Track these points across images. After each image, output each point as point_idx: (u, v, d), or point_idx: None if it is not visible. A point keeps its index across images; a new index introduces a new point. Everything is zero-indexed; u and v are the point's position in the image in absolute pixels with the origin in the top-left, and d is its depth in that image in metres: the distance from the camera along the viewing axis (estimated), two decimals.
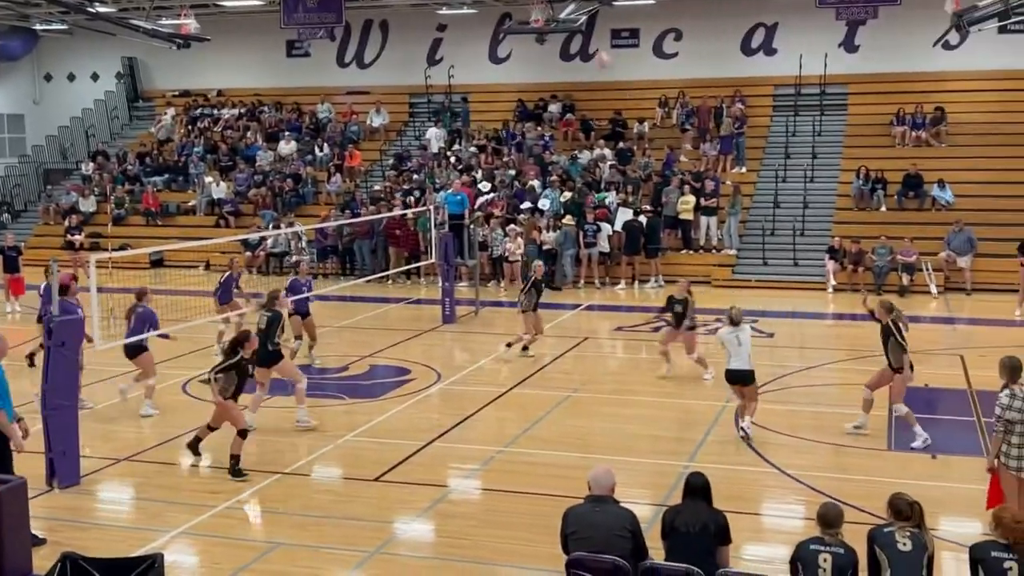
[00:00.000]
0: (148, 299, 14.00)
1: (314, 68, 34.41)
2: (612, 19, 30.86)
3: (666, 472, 11.04)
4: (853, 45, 29.86)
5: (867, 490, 10.24)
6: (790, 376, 15.70)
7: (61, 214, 31.04)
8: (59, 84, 38.15)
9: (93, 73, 37.55)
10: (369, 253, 26.43)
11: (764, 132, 29.46)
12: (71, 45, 36.83)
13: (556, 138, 30.23)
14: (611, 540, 6.93)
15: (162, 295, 17.78)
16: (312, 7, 26.84)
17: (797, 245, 24.91)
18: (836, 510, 6.87)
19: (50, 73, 38.26)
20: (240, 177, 30.97)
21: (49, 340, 10.52)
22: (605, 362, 17.13)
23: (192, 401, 14.37)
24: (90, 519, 10.00)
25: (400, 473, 11.17)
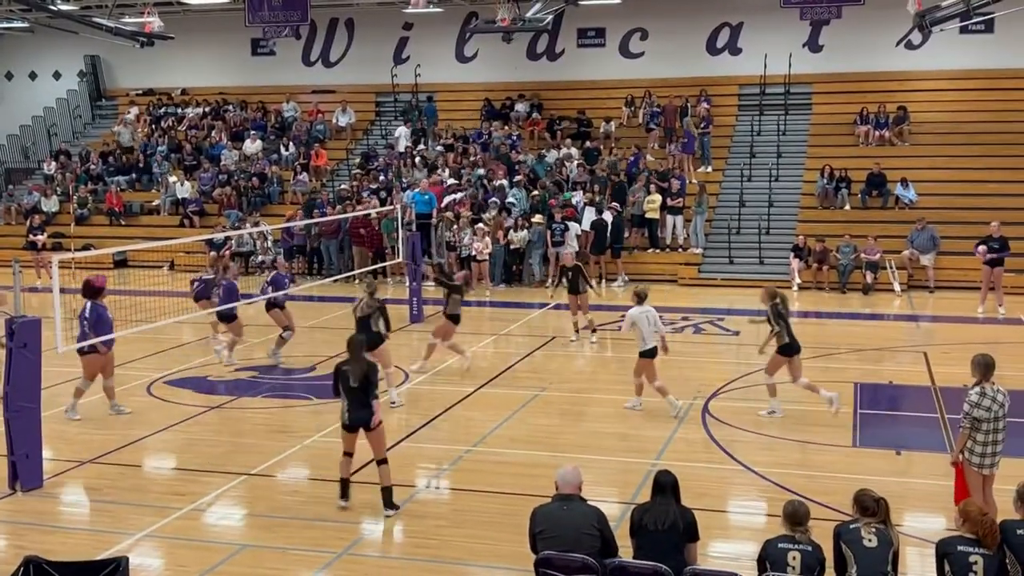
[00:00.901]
0: None
1: (279, 67, 34.23)
2: (578, 18, 30.92)
3: (633, 470, 11.07)
4: (817, 45, 30.11)
5: (832, 486, 10.33)
6: (755, 374, 15.75)
7: (23, 214, 30.66)
8: (20, 82, 37.67)
9: (55, 71, 37.12)
10: (336, 252, 26.32)
11: (729, 132, 29.64)
12: (33, 43, 36.37)
13: (523, 137, 30.24)
14: (579, 538, 6.94)
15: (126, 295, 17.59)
16: (277, 5, 26.68)
17: (762, 244, 25.08)
18: (804, 508, 6.93)
19: (11, 71, 37.78)
20: (205, 176, 30.73)
21: (11, 342, 10.38)
22: (573, 361, 17.15)
23: (157, 402, 14.22)
24: (53, 522, 9.88)
25: (367, 474, 11.10)
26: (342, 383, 9.86)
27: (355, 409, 9.82)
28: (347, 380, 9.80)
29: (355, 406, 9.81)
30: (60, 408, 13.58)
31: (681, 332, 19.29)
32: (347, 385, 9.81)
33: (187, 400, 14.31)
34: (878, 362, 16.83)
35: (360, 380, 9.75)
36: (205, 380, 15.59)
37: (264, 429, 12.99)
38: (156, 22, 26.36)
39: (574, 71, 31.98)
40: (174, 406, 14.01)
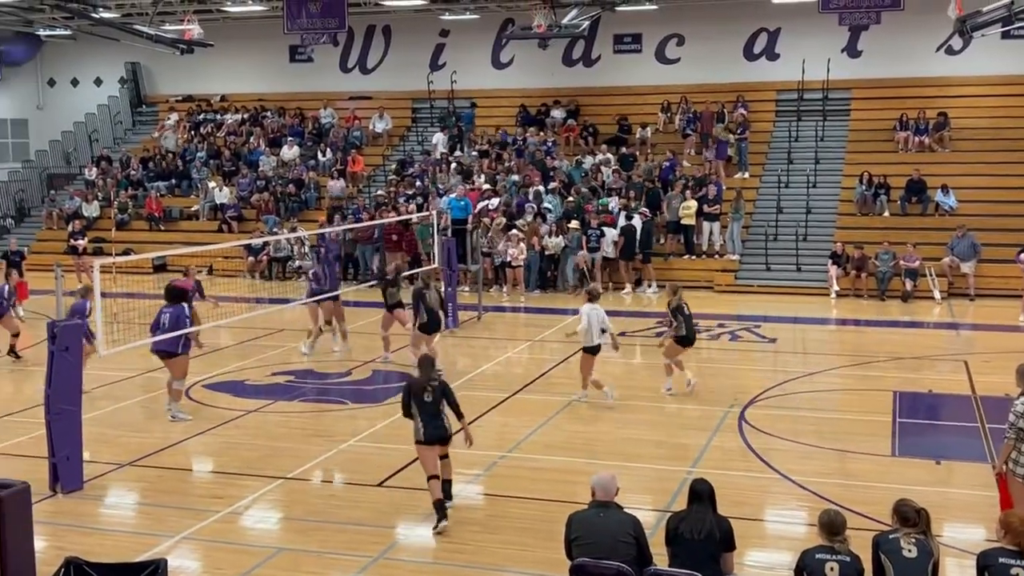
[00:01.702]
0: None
1: (317, 73, 34.44)
2: (615, 24, 30.87)
3: (669, 478, 11.02)
4: (856, 50, 29.86)
5: (870, 496, 10.22)
6: (793, 382, 15.67)
7: (64, 219, 31.07)
8: (63, 89, 38.20)
9: (97, 78, 37.60)
10: (371, 258, 26.43)
11: (767, 137, 29.46)
12: (75, 50, 36.88)
13: (558, 143, 30.24)
14: (615, 546, 6.92)
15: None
16: (315, 12, 26.85)
17: (800, 250, 24.90)
18: (841, 517, 6.84)
19: (54, 78, 38.32)
20: (243, 182, 30.99)
21: (53, 345, 10.51)
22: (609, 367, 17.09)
23: (195, 406, 14.35)
24: (93, 524, 10.00)
25: (403, 478, 11.16)
26: (414, 398, 9.81)
27: (429, 423, 9.75)
28: (420, 395, 9.77)
29: (427, 420, 9.75)
30: (100, 411, 13.76)
31: (717, 339, 19.19)
32: (420, 399, 9.77)
33: (225, 404, 14.42)
34: (917, 370, 16.65)
35: (433, 395, 9.77)
36: (242, 384, 15.71)
37: (300, 433, 13.07)
38: (196, 29, 26.60)
39: (610, 77, 31.93)
40: (212, 409, 14.13)
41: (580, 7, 26.88)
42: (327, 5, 26.70)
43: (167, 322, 13.43)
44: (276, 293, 25.02)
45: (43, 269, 24.97)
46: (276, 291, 25.21)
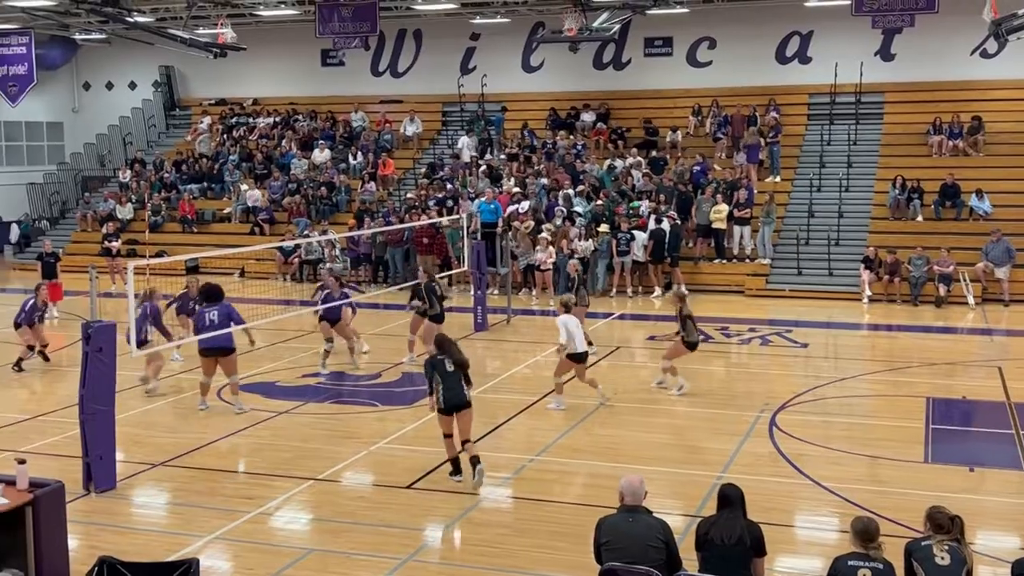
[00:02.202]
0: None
1: (348, 77, 34.61)
2: (645, 27, 30.83)
3: (698, 483, 10.97)
4: (889, 53, 29.65)
5: (903, 503, 10.14)
6: (824, 387, 15.58)
7: (99, 221, 31.40)
8: (97, 92, 38.63)
9: (131, 82, 38.00)
10: (402, 261, 26.53)
11: (799, 141, 29.30)
12: (110, 54, 37.28)
13: (588, 147, 30.21)
14: (645, 551, 6.90)
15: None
16: (347, 16, 27.05)
17: (832, 255, 24.74)
18: (875, 524, 6.78)
19: (89, 82, 38.76)
20: (275, 185, 31.19)
21: (87, 346, 10.62)
22: (637, 372, 17.07)
23: (227, 407, 14.45)
24: (126, 523, 10.08)
25: (432, 481, 11.19)
26: (437, 370, 10.84)
27: (449, 392, 10.79)
28: (443, 366, 10.83)
29: (449, 389, 10.78)
30: (133, 411, 13.89)
31: (748, 344, 19.10)
32: (443, 370, 10.81)
33: (255, 405, 14.51)
34: (951, 376, 16.50)
35: (457, 365, 10.90)
36: (273, 385, 15.80)
37: (330, 435, 13.12)
38: (229, 33, 26.83)
39: (641, 80, 31.88)
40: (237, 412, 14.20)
41: (611, 10, 26.87)
42: (359, 9, 26.90)
43: (216, 320, 13.79)
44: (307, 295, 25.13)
45: (77, 270, 25.22)
46: (307, 293, 25.33)
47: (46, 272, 23.05)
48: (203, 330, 13.83)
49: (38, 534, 8.01)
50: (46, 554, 8.06)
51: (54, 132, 38.51)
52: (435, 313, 16.37)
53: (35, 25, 31.60)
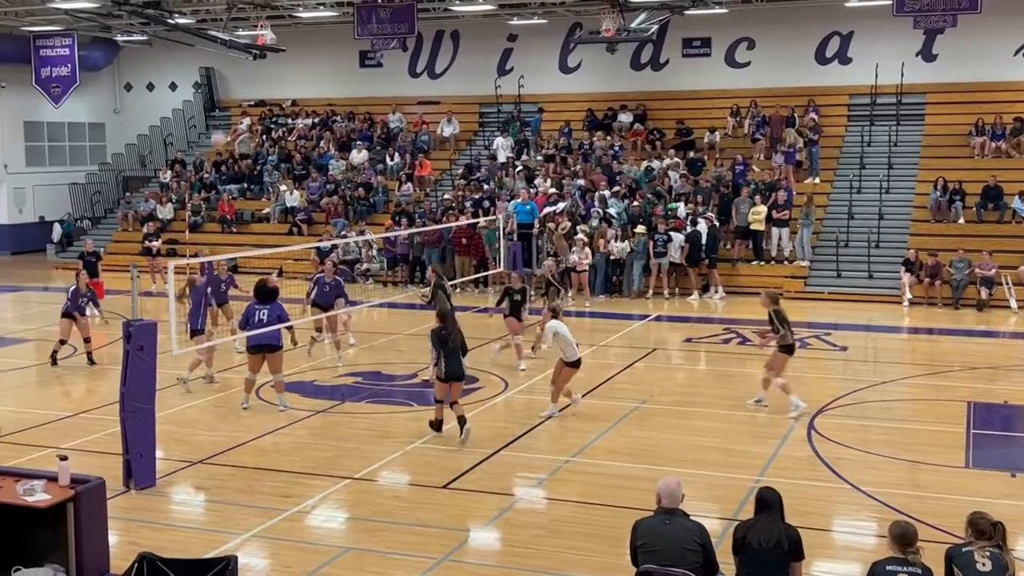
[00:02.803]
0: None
1: (386, 78, 34.75)
2: (683, 28, 30.71)
3: (736, 486, 10.91)
4: (931, 54, 29.32)
5: (942, 508, 10.03)
6: (864, 391, 15.43)
7: (139, 221, 31.76)
8: (139, 93, 39.08)
9: (172, 83, 38.40)
10: (438, 261, 26.57)
11: (839, 142, 29.05)
12: (151, 55, 37.70)
13: (625, 148, 30.13)
14: (682, 554, 6.87)
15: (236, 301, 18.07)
16: (385, 18, 27.17)
17: (872, 257, 24.50)
18: (913, 528, 6.72)
19: (130, 83, 39.21)
20: (313, 186, 31.38)
21: (128, 344, 10.74)
22: (674, 373, 16.99)
23: (265, 406, 14.56)
24: (165, 520, 10.19)
25: (468, 481, 11.21)
26: (441, 344, 12.43)
27: (452, 365, 12.46)
28: (446, 342, 12.43)
29: (452, 363, 12.45)
30: (173, 409, 14.03)
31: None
32: (446, 346, 12.41)
33: (294, 404, 14.60)
34: (992, 381, 16.28)
35: (457, 343, 12.54)
36: (311, 385, 15.91)
37: (367, 434, 13.19)
38: (268, 35, 27.05)
39: (678, 81, 31.75)
40: (281, 409, 14.31)
41: (649, 11, 26.78)
42: (397, 11, 27.02)
43: (266, 319, 13.96)
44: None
45: (118, 270, 25.52)
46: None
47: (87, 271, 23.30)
48: (253, 327, 14.01)
49: (79, 530, 8.11)
50: (87, 550, 8.16)
51: (96, 133, 39.01)
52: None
53: (78, 27, 32.03)
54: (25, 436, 12.94)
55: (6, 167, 35.51)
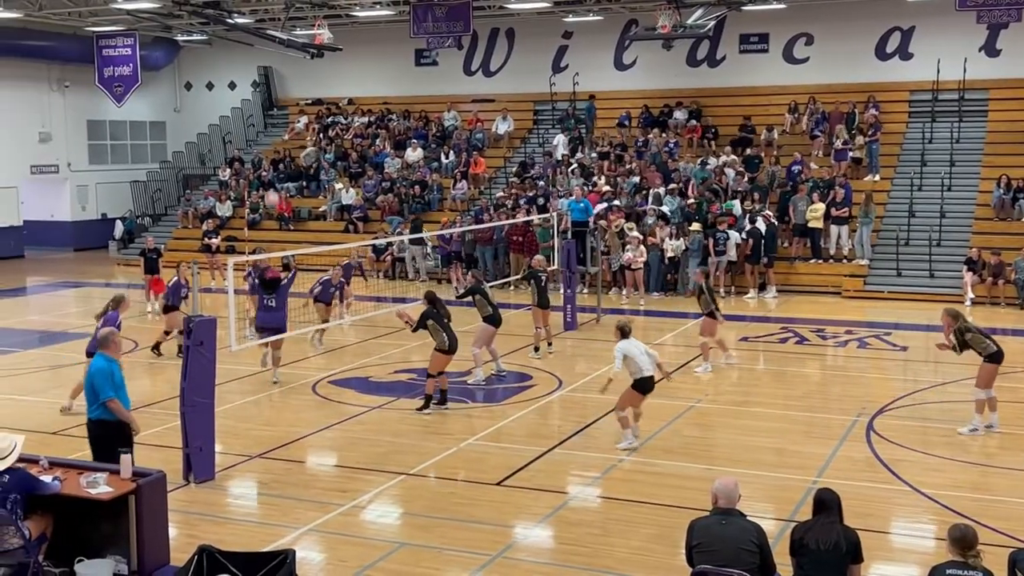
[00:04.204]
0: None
1: (441, 76, 34.88)
2: (741, 24, 30.43)
3: (792, 487, 10.79)
4: (995, 49, 28.73)
5: (1007, 511, 9.85)
6: (924, 391, 15.19)
7: (199, 218, 32.20)
8: (198, 92, 39.65)
9: (230, 82, 38.90)
10: (491, 259, 26.64)
11: (899, 139, 28.60)
12: (210, 55, 38.23)
13: (680, 145, 29.93)
14: (738, 554, 6.81)
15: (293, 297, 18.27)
16: (441, 16, 27.26)
17: (933, 256, 24.09)
18: (973, 531, 6.59)
19: (190, 82, 39.80)
20: (369, 184, 31.59)
21: (188, 339, 10.90)
22: (730, 372, 16.85)
23: (322, 401, 14.70)
24: (224, 514, 10.33)
25: (521, 478, 11.22)
26: (438, 321, 13.97)
27: (452, 337, 13.92)
28: (442, 319, 14.02)
29: (453, 337, 13.94)
30: (231, 404, 14.21)
31: (845, 346, 18.72)
32: (443, 322, 13.99)
33: (349, 400, 14.73)
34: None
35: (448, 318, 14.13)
36: (367, 381, 16.02)
37: (422, 431, 13.25)
38: (325, 34, 27.26)
39: (735, 77, 31.47)
40: (337, 405, 14.46)
41: (706, 7, 26.57)
42: (453, 9, 27.09)
43: (274, 304, 15.66)
44: (399, 292, 25.44)
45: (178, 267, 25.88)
46: (399, 290, 25.63)
47: (148, 268, 23.71)
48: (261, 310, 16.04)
49: (140, 522, 8.25)
50: (147, 542, 8.30)
51: (157, 131, 39.65)
52: (488, 315, 16.16)
53: (139, 27, 32.55)
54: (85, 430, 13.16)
55: (69, 165, 36.24)
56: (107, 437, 9.60)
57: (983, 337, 12.71)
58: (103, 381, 9.62)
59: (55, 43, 33.54)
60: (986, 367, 12.68)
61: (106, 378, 9.63)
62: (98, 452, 9.66)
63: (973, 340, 12.66)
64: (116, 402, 9.64)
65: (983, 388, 12.73)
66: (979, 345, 12.65)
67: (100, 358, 9.80)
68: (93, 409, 9.71)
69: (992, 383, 12.75)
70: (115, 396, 9.64)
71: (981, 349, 12.64)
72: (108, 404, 9.60)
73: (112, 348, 9.86)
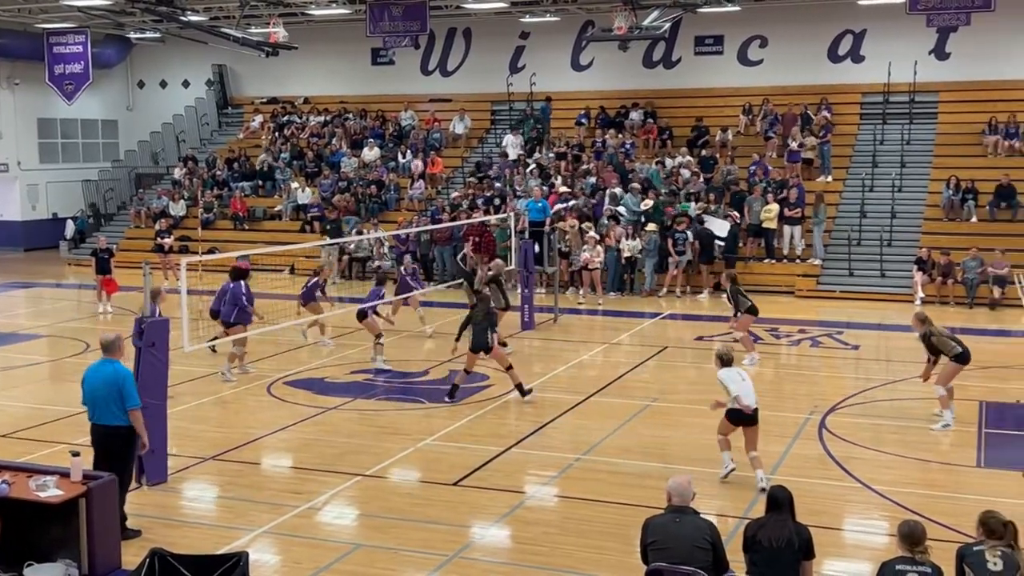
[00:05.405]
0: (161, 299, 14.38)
1: (398, 76, 34.78)
2: (696, 26, 30.64)
3: (747, 485, 10.88)
4: (944, 52, 29.20)
5: (954, 507, 10.00)
6: (875, 389, 15.40)
7: (152, 218, 31.86)
8: (152, 91, 39.20)
9: (184, 80, 38.50)
10: (450, 259, 26.61)
11: (851, 140, 28.96)
12: (163, 53, 37.82)
13: (637, 145, 30.09)
14: (692, 552, 6.87)
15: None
16: (397, 16, 27.21)
17: (884, 256, 24.42)
18: (921, 527, 6.70)
19: (143, 80, 39.34)
20: (325, 183, 31.42)
21: (140, 341, 10.77)
22: (685, 371, 16.97)
23: (276, 402, 14.61)
24: (177, 516, 10.22)
25: (478, 478, 11.22)
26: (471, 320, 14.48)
27: (478, 336, 14.24)
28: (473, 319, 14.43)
29: (478, 334, 14.25)
30: (184, 406, 14.07)
31: (798, 345, 18.93)
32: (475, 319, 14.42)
33: (304, 401, 14.65)
34: (1005, 380, 16.20)
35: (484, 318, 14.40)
36: (322, 381, 15.93)
37: (378, 431, 13.21)
38: (281, 32, 27.05)
39: (691, 79, 31.70)
40: (292, 406, 14.37)
41: (661, 9, 26.72)
42: (409, 8, 27.05)
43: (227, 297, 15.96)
44: (356, 292, 25.33)
45: (131, 266, 25.60)
46: (356, 290, 25.52)
47: (100, 268, 23.40)
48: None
49: (91, 526, 8.16)
50: (98, 545, 8.21)
51: (109, 130, 39.14)
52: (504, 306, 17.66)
53: (91, 24, 32.14)
54: (38, 432, 13.02)
55: (19, 164, 35.67)
56: (118, 445, 9.37)
57: (948, 339, 13.12)
58: (133, 387, 9.40)
59: (4, 40, 33.00)
60: (952, 366, 13.07)
61: (134, 385, 9.45)
62: (106, 460, 9.30)
63: (939, 343, 13.05)
64: (139, 412, 9.42)
65: (943, 385, 13.07)
66: (945, 347, 13.03)
67: (118, 363, 9.51)
68: (108, 414, 9.36)
69: (951, 381, 13.12)
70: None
71: (948, 351, 13.02)
72: (134, 412, 9.35)
73: (120, 352, 9.65)
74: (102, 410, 9.39)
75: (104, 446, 9.42)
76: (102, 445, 9.43)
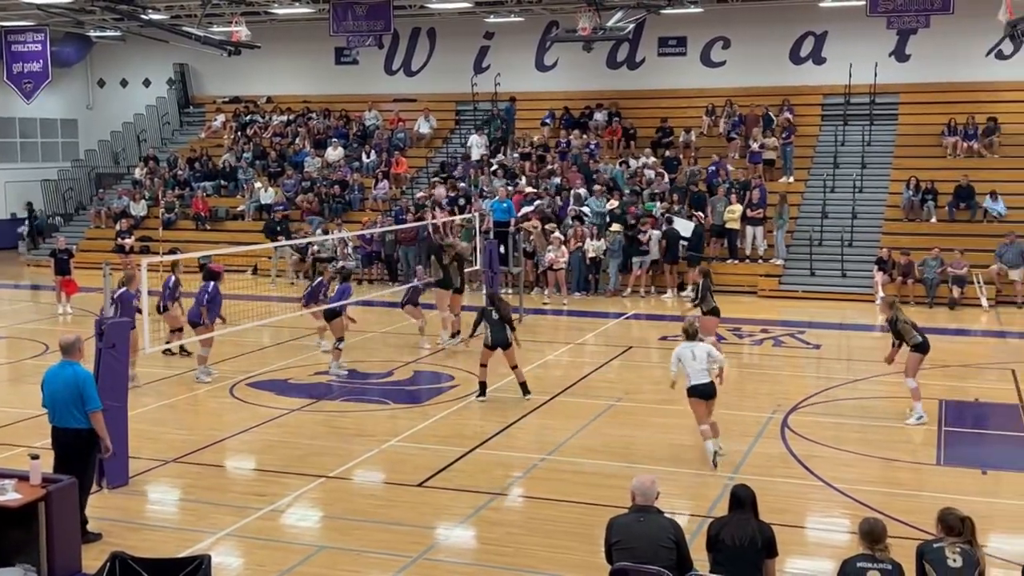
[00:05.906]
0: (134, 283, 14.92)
1: (362, 75, 34.65)
2: (660, 27, 30.79)
3: (710, 483, 10.96)
4: (904, 54, 29.56)
5: (915, 505, 10.12)
6: (837, 388, 15.54)
7: (112, 218, 31.51)
8: (112, 90, 38.78)
9: (145, 79, 38.12)
10: (415, 259, 26.51)
11: (812, 141, 29.22)
12: (124, 51, 37.41)
13: (601, 146, 30.17)
14: (656, 551, 6.89)
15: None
16: (361, 15, 27.09)
17: (845, 256, 24.66)
18: (881, 525, 6.77)
19: (103, 79, 38.91)
20: (288, 183, 31.23)
21: (100, 342, 10.65)
22: (650, 371, 17.04)
23: (239, 404, 14.50)
24: (138, 519, 10.11)
25: (443, 479, 11.20)
26: (487, 317, 14.32)
27: (495, 335, 14.23)
28: (490, 315, 14.28)
29: (495, 333, 14.24)
30: (145, 408, 13.94)
31: (760, 345, 19.07)
32: (490, 318, 14.25)
33: (267, 402, 14.55)
34: (964, 379, 16.43)
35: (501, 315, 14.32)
36: (285, 383, 15.83)
37: (342, 432, 13.15)
38: (243, 31, 26.88)
39: (654, 80, 31.85)
40: (255, 408, 14.27)
41: (625, 10, 26.84)
42: (373, 8, 26.95)
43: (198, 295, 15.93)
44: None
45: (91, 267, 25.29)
46: None
47: (59, 268, 23.10)
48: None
49: (51, 529, 8.06)
50: (58, 549, 8.10)
51: (68, 129, 38.67)
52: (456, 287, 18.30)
53: (50, 22, 31.76)
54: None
55: None
56: (79, 448, 9.25)
57: (911, 328, 13.43)
58: (93, 389, 9.28)
59: None
60: (912, 356, 13.39)
61: (94, 387, 9.32)
62: (67, 463, 9.17)
63: (903, 329, 13.42)
64: (101, 414, 9.30)
65: (912, 377, 13.39)
66: (907, 334, 13.39)
67: (78, 366, 9.37)
68: (69, 417, 9.22)
69: (916, 372, 13.38)
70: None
71: (909, 338, 13.37)
72: (95, 415, 9.23)
73: (80, 354, 9.51)
74: (62, 413, 9.27)
75: (65, 449, 9.30)
76: (63, 448, 9.32)
